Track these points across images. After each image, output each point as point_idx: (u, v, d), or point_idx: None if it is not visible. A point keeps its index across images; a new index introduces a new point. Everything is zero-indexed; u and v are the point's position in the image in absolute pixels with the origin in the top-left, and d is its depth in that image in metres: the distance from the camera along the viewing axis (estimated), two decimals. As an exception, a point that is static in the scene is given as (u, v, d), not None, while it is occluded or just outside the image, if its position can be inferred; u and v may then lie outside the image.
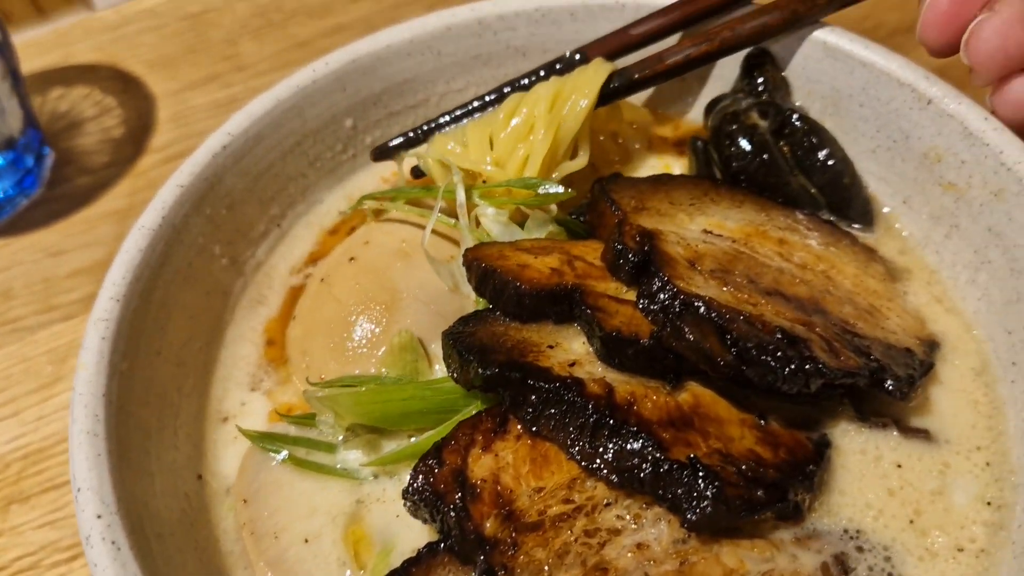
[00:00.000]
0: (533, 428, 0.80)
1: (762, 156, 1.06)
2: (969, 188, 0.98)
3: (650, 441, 0.75)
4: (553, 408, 0.78)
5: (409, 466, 0.84)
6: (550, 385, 0.78)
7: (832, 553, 0.78)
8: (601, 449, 0.76)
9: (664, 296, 0.82)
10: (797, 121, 1.07)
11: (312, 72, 1.13)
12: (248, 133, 1.08)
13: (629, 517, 0.76)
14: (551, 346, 0.85)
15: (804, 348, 0.80)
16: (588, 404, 0.77)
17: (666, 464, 0.74)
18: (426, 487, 0.79)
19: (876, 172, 1.09)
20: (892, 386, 0.84)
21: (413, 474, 0.80)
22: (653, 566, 0.73)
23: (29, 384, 1.20)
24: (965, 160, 0.98)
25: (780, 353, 0.79)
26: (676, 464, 0.74)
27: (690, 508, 0.73)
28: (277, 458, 0.91)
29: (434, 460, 0.80)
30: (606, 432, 0.76)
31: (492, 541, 0.75)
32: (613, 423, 0.76)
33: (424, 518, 0.80)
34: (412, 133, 1.15)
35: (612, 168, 1.16)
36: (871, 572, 0.79)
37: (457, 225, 1.01)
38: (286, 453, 0.91)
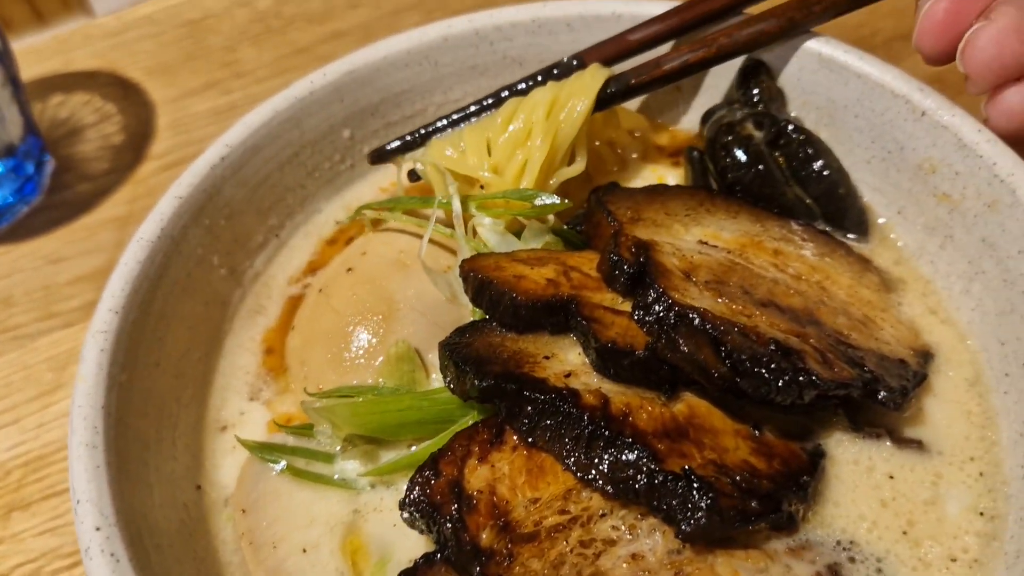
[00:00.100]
0: (529, 439, 0.80)
1: (757, 167, 1.06)
2: (963, 199, 0.99)
3: (645, 452, 0.75)
4: (549, 419, 0.79)
5: (406, 476, 0.84)
6: (546, 396, 0.79)
7: (826, 563, 0.79)
8: (596, 460, 0.77)
9: (659, 308, 0.82)
10: (792, 132, 1.07)
11: (310, 83, 1.13)
12: (246, 144, 1.08)
13: (624, 528, 0.77)
14: (547, 357, 0.85)
15: (798, 360, 0.81)
16: (584, 415, 0.77)
17: (661, 475, 0.74)
18: (422, 498, 0.79)
19: (871, 183, 1.09)
20: (885, 397, 0.85)
21: (410, 485, 0.80)
22: (648, 577, 0.74)
23: (29, 391, 1.20)
24: (959, 171, 0.98)
25: (774, 365, 0.79)
26: (671, 475, 0.74)
27: (685, 519, 0.73)
28: (276, 468, 0.92)
29: (430, 471, 0.80)
30: (601, 443, 0.76)
31: (488, 552, 0.75)
32: (608, 434, 0.76)
33: (421, 529, 0.81)
34: (410, 136, 1.16)
35: (609, 177, 1.16)
36: (864, 583, 0.80)
37: (454, 235, 1.01)
38: (284, 463, 0.92)
